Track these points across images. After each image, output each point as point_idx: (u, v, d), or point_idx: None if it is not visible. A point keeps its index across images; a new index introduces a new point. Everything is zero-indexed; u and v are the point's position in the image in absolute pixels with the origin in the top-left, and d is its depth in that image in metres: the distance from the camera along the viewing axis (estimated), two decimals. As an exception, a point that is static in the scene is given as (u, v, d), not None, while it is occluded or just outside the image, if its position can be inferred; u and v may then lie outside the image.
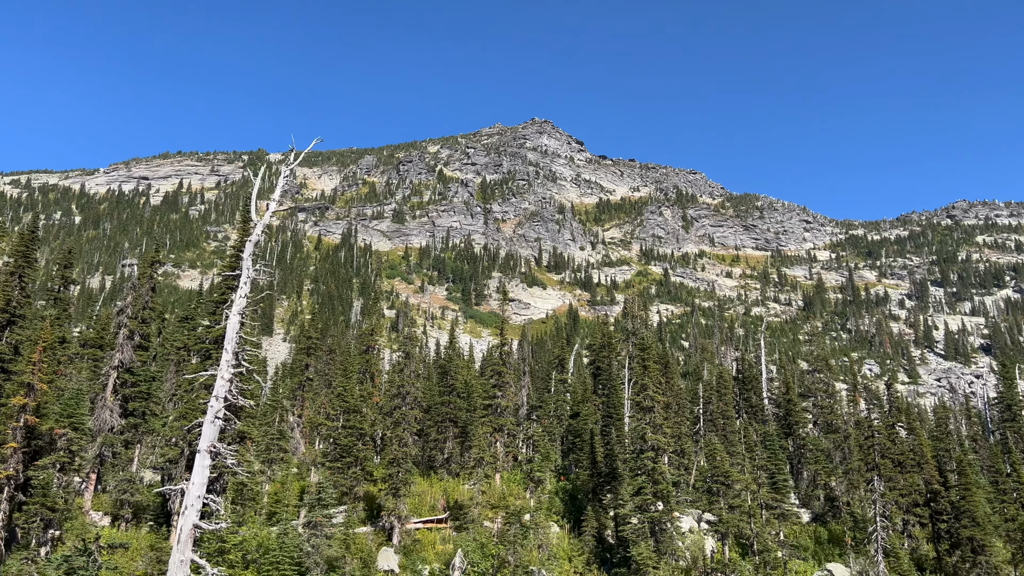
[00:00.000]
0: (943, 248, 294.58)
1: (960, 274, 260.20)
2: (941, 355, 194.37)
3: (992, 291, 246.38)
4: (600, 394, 64.06)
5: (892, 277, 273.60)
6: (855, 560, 43.46)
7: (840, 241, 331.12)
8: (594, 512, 44.26)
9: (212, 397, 24.24)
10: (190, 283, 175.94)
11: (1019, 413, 68.49)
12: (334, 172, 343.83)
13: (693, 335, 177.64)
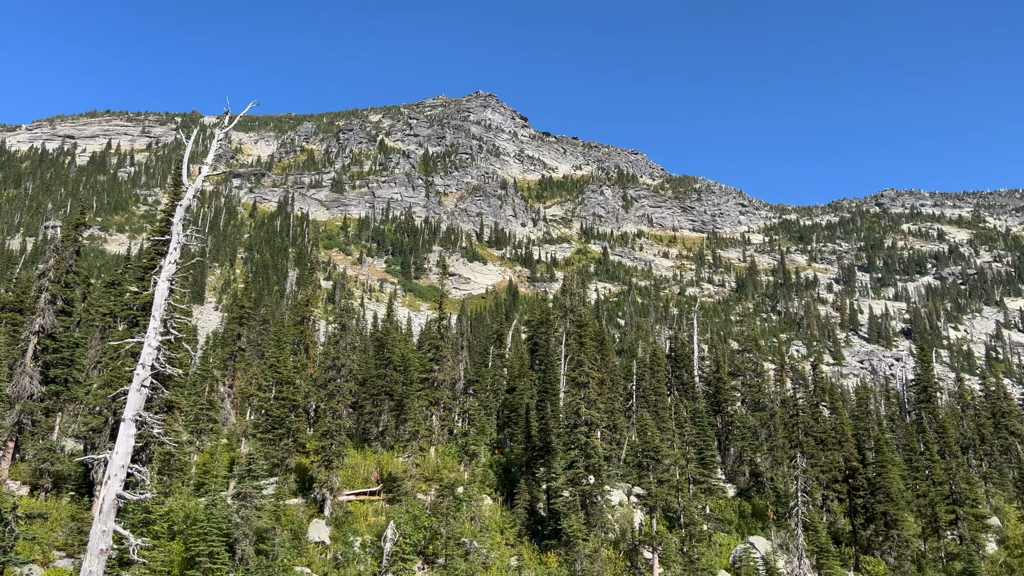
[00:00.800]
0: (871, 235, 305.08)
1: (886, 260, 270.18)
2: (865, 338, 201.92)
3: (914, 278, 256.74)
4: (537, 369, 64.59)
5: (822, 262, 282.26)
6: (776, 534, 45.11)
7: (774, 225, 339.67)
8: (527, 485, 44.77)
9: (139, 365, 23.53)
10: (118, 247, 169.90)
11: (934, 395, 71.87)
12: (271, 138, 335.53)
13: (629, 313, 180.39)
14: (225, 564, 32.05)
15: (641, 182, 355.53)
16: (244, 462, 35.74)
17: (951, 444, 53.98)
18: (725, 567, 41.18)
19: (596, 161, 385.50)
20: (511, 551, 40.14)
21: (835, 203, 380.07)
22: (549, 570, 37.38)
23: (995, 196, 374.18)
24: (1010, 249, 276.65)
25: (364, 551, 37.28)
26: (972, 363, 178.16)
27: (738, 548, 42.58)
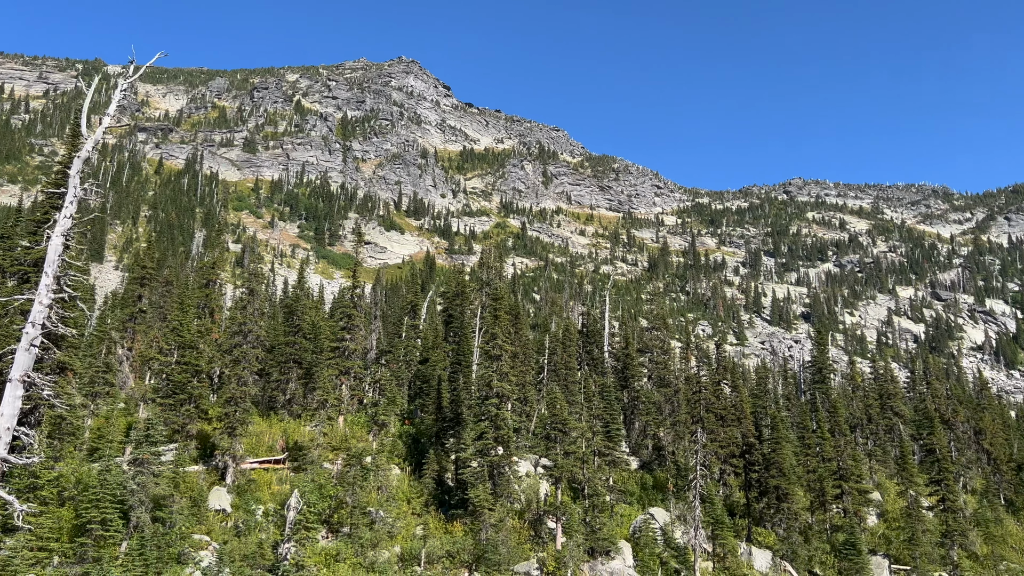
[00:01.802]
0: (778, 221, 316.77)
1: (790, 246, 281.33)
2: (767, 320, 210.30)
3: (816, 264, 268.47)
4: (451, 341, 64.58)
5: (730, 245, 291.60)
6: (675, 505, 46.78)
7: (687, 208, 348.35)
8: (436, 456, 44.88)
9: (28, 323, 22.32)
10: (9, 199, 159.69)
11: (828, 376, 75.58)
12: (181, 92, 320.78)
13: (545, 289, 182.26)
14: (119, 532, 30.96)
15: (562, 159, 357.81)
16: (142, 427, 34.43)
17: (841, 423, 56.95)
18: (625, 537, 42.44)
19: (518, 135, 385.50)
20: (417, 520, 40.26)
21: (746, 189, 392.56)
22: (454, 539, 37.69)
23: (893, 189, 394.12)
24: (904, 240, 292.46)
25: (267, 519, 36.67)
26: (864, 347, 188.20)
27: (638, 519, 43.95)
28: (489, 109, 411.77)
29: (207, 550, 33.42)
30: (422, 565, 35.48)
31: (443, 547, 36.88)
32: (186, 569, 31.54)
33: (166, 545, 31.48)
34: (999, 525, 55.85)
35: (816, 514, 50.27)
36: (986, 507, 58.18)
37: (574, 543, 37.35)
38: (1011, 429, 79.31)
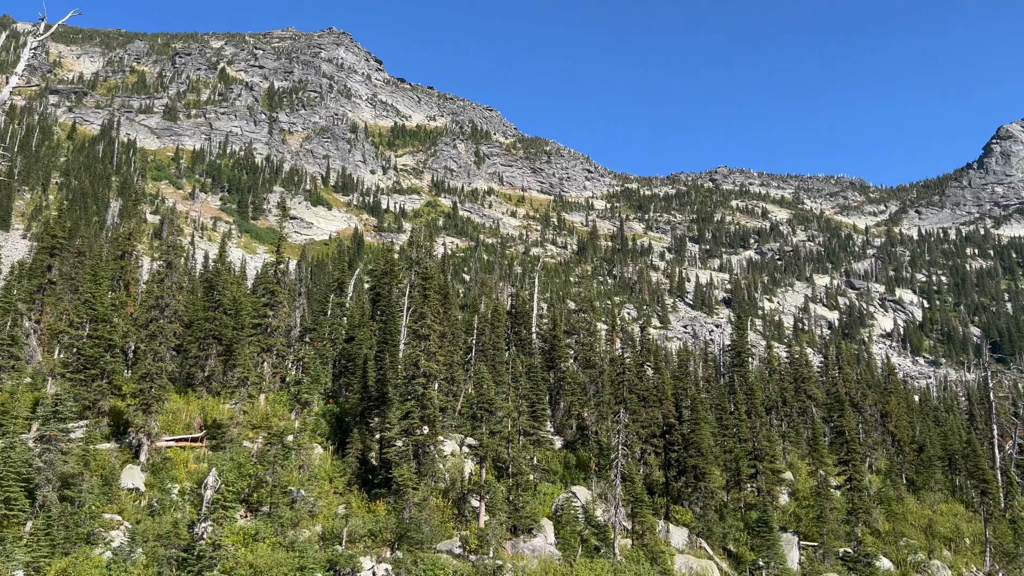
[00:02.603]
0: (703, 208, 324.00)
1: (714, 233, 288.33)
2: (690, 304, 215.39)
3: (738, 251, 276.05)
4: (378, 320, 63.87)
5: (657, 231, 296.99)
6: (597, 484, 47.62)
7: (616, 192, 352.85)
8: (360, 435, 44.43)
9: (-80, 292, 20.96)
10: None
11: (746, 360, 77.93)
12: (96, 54, 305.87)
13: (475, 269, 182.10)
14: (24, 511, 29.66)
15: (494, 139, 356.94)
16: (50, 403, 32.92)
17: (757, 405, 58.87)
18: (547, 515, 42.99)
19: (451, 113, 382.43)
20: (340, 500, 39.86)
21: (673, 176, 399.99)
22: (377, 518, 37.47)
23: (813, 181, 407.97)
24: (822, 230, 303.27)
25: (183, 498, 35.68)
26: (782, 332, 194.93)
27: (561, 497, 44.57)
28: (422, 85, 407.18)
29: (119, 530, 32.33)
30: (343, 544, 35.17)
31: (365, 526, 36.62)
32: (96, 549, 30.44)
33: (74, 525, 30.31)
34: (900, 503, 58.84)
35: (732, 493, 51.93)
36: (889, 486, 61.18)
37: (497, 521, 37.62)
38: (914, 412, 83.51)
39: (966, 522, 59.30)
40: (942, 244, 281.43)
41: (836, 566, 47.15)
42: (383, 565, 35.25)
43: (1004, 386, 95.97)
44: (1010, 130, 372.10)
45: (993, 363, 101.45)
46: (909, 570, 50.15)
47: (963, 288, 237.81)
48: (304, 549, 33.18)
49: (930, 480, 66.46)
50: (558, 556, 38.99)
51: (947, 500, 63.98)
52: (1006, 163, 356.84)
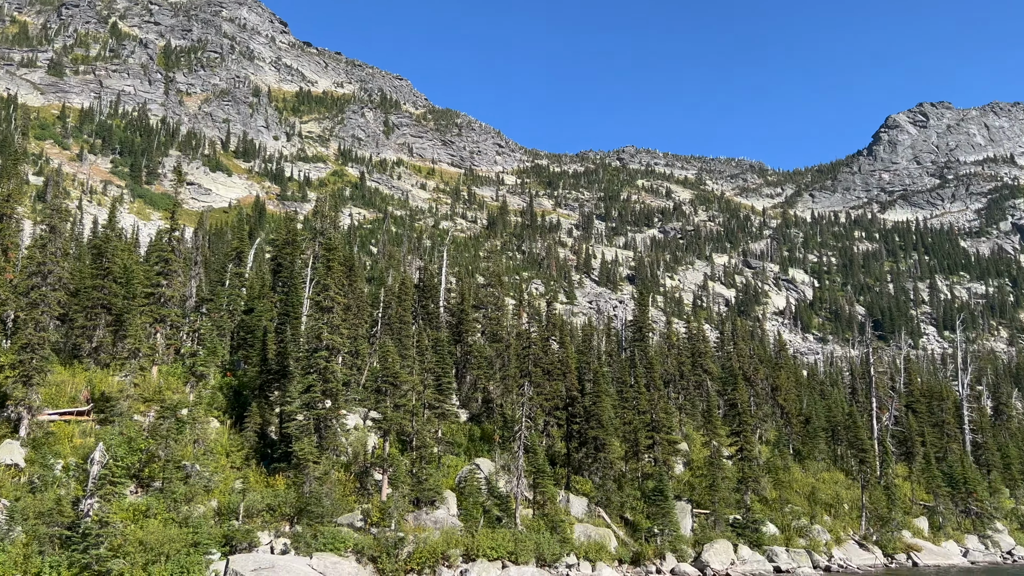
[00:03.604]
0: (610, 187, 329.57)
1: (620, 212, 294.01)
2: (596, 281, 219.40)
3: (643, 229, 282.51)
4: (279, 292, 62.13)
5: (566, 208, 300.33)
6: (500, 456, 48.13)
7: (527, 168, 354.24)
8: (259, 409, 43.32)
9: None
10: None
11: (647, 335, 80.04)
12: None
13: (383, 242, 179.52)
14: None
15: (404, 109, 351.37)
16: (-86, 376, 30.59)
17: (656, 379, 60.66)
18: (451, 487, 43.20)
19: (359, 81, 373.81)
20: (237, 474, 38.83)
21: (582, 153, 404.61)
22: (276, 492, 36.74)
23: (715, 162, 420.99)
24: (723, 211, 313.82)
25: (67, 474, 33.95)
26: (682, 309, 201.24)
27: (464, 469, 44.84)
28: (329, 50, 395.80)
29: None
30: (240, 519, 34.33)
31: (264, 500, 35.86)
32: (-32, 530, 28.62)
33: (-57, 505, 28.36)
34: (787, 472, 62.10)
35: (630, 463, 53.49)
36: (777, 456, 64.45)
37: (400, 494, 37.54)
38: (802, 386, 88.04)
39: (845, 489, 63.20)
40: (833, 227, 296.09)
41: (726, 532, 49.44)
42: (282, 539, 34.66)
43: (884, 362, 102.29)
44: (897, 120, 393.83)
45: (875, 340, 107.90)
46: (792, 535, 53.09)
47: (851, 269, 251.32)
48: (198, 525, 32.22)
49: (815, 450, 70.37)
50: (460, 527, 39.28)
51: (829, 469, 67.95)
52: (893, 151, 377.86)
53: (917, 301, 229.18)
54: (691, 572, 44.67)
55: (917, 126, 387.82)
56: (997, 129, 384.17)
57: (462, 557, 37.06)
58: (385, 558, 34.66)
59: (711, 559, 45.83)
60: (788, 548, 50.74)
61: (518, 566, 37.51)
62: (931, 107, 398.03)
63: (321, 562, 31.60)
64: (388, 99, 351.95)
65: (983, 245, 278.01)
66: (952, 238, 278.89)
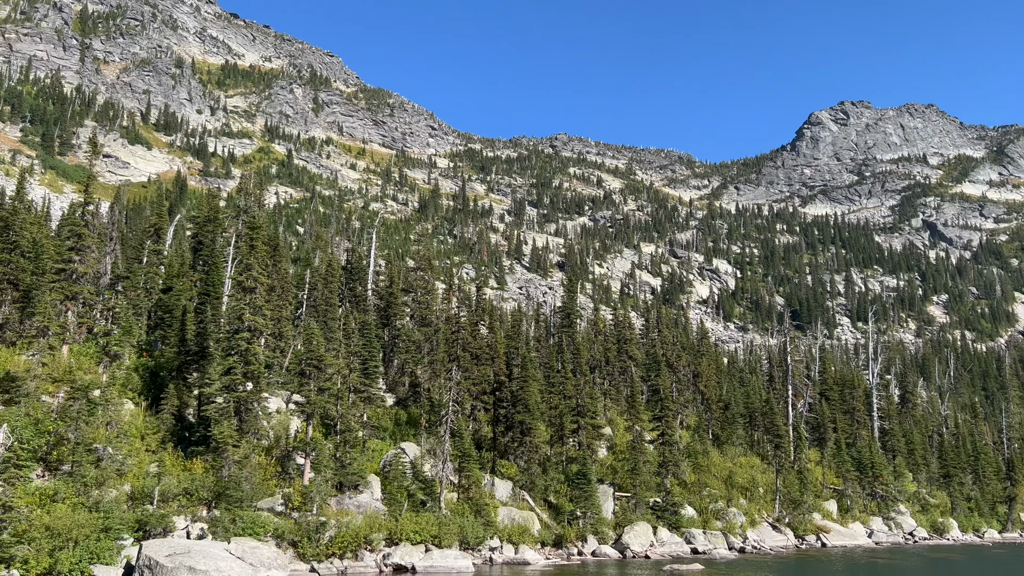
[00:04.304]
0: (543, 173, 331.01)
1: (552, 199, 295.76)
2: (526, 267, 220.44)
3: (574, 217, 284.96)
4: (200, 271, 60.23)
5: (498, 193, 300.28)
6: (426, 440, 47.98)
7: (459, 152, 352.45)
8: (177, 391, 41.99)
9: None
10: None
11: (575, 321, 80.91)
12: None
13: (310, 222, 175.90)
14: None
15: (335, 87, 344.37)
16: None
17: (583, 364, 61.37)
18: (375, 471, 42.86)
19: (288, 56, 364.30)
20: (152, 458, 37.58)
21: (516, 139, 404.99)
22: (193, 476, 35.73)
23: (645, 153, 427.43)
24: (651, 201, 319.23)
25: (-34, 460, 32.20)
26: (609, 296, 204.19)
27: (389, 453, 44.54)
28: (257, 23, 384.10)
29: None
30: (155, 503, 33.28)
31: (180, 485, 34.84)
32: None
33: None
34: (706, 456, 63.87)
35: (555, 447, 54.08)
36: (697, 441, 66.20)
37: (322, 478, 37.02)
38: (723, 373, 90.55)
39: (761, 473, 65.43)
40: (756, 219, 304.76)
41: (647, 515, 50.59)
42: (199, 524, 33.78)
43: (800, 351, 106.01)
44: (820, 117, 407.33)
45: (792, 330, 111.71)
46: (710, 517, 54.71)
47: (772, 260, 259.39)
48: (110, 510, 31.08)
49: (733, 435, 72.56)
50: (384, 511, 39.04)
51: (746, 453, 70.21)
52: (815, 147, 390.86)
53: (833, 293, 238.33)
54: (611, 554, 45.56)
55: (838, 124, 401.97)
56: (912, 129, 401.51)
57: (385, 541, 36.86)
58: (306, 543, 34.19)
59: (631, 541, 46.83)
60: (705, 530, 52.28)
61: (441, 549, 37.54)
62: (852, 106, 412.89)
63: (239, 547, 30.92)
64: (318, 76, 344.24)
65: (896, 240, 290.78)
66: (867, 233, 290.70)
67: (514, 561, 40.78)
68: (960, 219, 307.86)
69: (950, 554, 57.34)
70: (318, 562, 34.13)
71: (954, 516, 75.35)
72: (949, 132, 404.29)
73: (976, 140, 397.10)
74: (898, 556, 54.45)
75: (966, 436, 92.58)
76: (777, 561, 47.95)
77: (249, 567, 30.02)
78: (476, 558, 39.39)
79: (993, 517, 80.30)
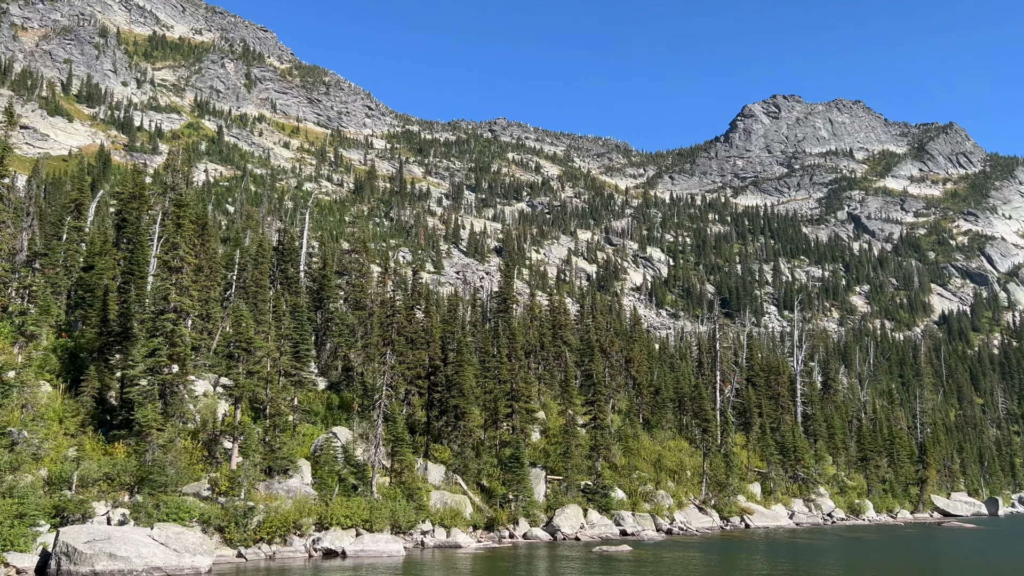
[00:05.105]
0: (481, 158, 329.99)
1: (491, 183, 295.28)
2: (464, 251, 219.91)
3: (512, 202, 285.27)
4: (124, 249, 58.09)
5: (436, 176, 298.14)
6: (359, 424, 47.52)
7: (397, 133, 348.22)
8: (98, 372, 40.51)
9: None
10: None
11: (511, 306, 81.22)
12: None
13: (241, 201, 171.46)
14: None
15: (268, 63, 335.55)
16: None
17: (518, 349, 61.67)
18: (306, 455, 42.30)
19: (220, 29, 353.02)
20: (71, 442, 36.25)
21: (455, 122, 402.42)
22: (115, 461, 34.60)
23: (583, 140, 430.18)
24: (588, 188, 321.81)
25: None
26: (546, 282, 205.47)
27: (321, 437, 43.99)
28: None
29: None
30: (73, 489, 32.12)
31: (101, 469, 33.72)
32: None
33: None
34: (636, 440, 65.12)
35: (489, 431, 54.29)
36: (628, 425, 67.40)
37: (251, 462, 36.32)
38: (654, 359, 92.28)
39: (689, 456, 67.07)
40: (689, 209, 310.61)
41: (578, 497, 51.33)
42: (120, 510, 32.79)
43: (729, 338, 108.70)
44: (752, 109, 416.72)
45: (721, 317, 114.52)
46: (639, 500, 55.87)
47: (703, 249, 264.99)
48: (25, 495, 29.84)
49: (663, 419, 74.12)
50: (314, 496, 38.59)
51: (675, 437, 71.85)
52: (747, 139, 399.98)
53: (762, 282, 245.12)
54: (543, 536, 46.11)
55: (770, 117, 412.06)
56: (840, 124, 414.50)
57: (315, 526, 36.47)
58: (233, 528, 33.56)
59: (562, 523, 47.46)
60: (634, 512, 53.36)
61: (372, 533, 37.36)
62: (783, 99, 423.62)
63: (163, 533, 30.12)
64: (251, 51, 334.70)
65: (822, 232, 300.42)
66: (795, 224, 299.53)
67: (446, 544, 40.88)
68: (883, 212, 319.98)
69: (864, 534, 59.96)
70: (246, 547, 33.56)
71: (870, 497, 78.79)
72: (875, 128, 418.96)
73: (899, 137, 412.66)
74: (817, 536, 56.66)
75: (883, 421, 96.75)
76: (703, 542, 49.32)
77: (173, 553, 29.30)
78: (408, 542, 39.34)
79: (906, 498, 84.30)
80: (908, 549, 50.94)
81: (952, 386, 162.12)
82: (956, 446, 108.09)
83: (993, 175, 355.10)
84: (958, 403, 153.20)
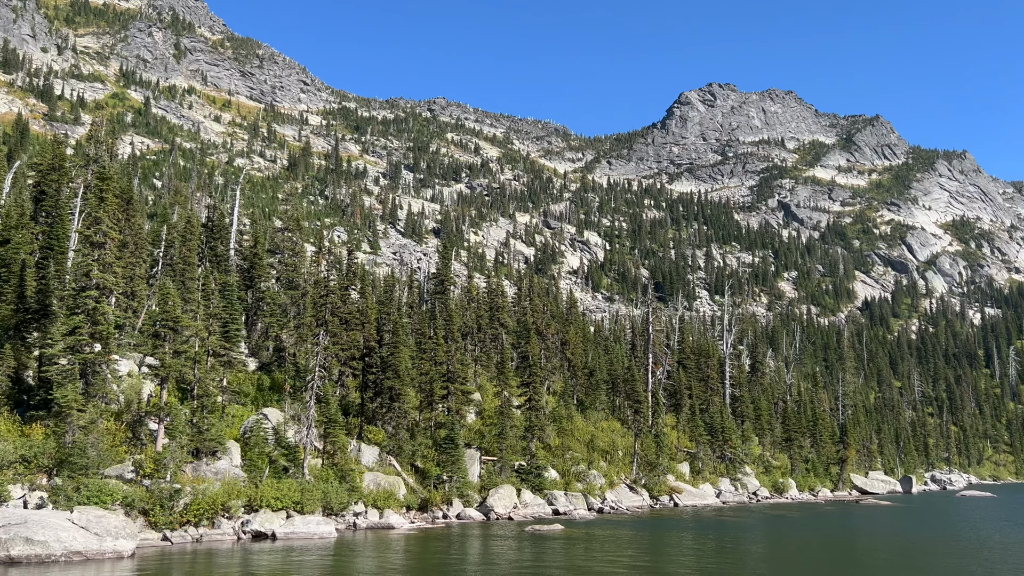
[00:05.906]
0: (420, 137, 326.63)
1: (429, 164, 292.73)
2: (401, 232, 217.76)
3: (451, 183, 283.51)
4: (42, 223, 55.56)
5: (373, 155, 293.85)
6: (291, 405, 46.79)
7: (333, 110, 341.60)
8: (14, 350, 38.78)
9: None
10: None
11: (449, 288, 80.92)
12: None
13: (169, 175, 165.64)
14: None
15: (199, 33, 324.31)
16: None
17: (455, 331, 61.51)
18: (235, 437, 41.46)
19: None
20: (-16, 424, 34.67)
21: (393, 100, 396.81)
22: (32, 442, 33.28)
23: (523, 123, 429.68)
24: (527, 171, 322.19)
25: None
26: (484, 264, 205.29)
27: (251, 419, 43.14)
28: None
29: None
30: (-14, 474, 30.77)
31: (17, 451, 32.41)
32: None
33: None
34: (570, 421, 65.91)
35: (424, 413, 54.16)
36: (562, 406, 68.13)
37: (177, 444, 35.41)
38: (589, 342, 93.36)
39: (621, 437, 68.28)
40: (626, 194, 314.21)
41: (512, 478, 51.73)
42: (38, 493, 31.61)
43: (662, 321, 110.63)
44: (689, 97, 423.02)
45: (655, 301, 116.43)
46: (572, 479, 56.64)
47: (639, 234, 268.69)
48: (-68, 481, 28.49)
49: (596, 401, 75.18)
50: (244, 478, 37.89)
51: (608, 418, 72.99)
52: (683, 127, 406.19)
53: (695, 267, 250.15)
54: (476, 516, 46.34)
55: (706, 105, 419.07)
56: (772, 114, 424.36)
57: (244, 508, 35.82)
58: (158, 510, 32.72)
59: (495, 503, 47.79)
60: (567, 492, 54.09)
61: (303, 515, 36.92)
62: (719, 88, 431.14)
63: (83, 516, 29.14)
64: (180, 20, 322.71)
65: (753, 219, 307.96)
66: (728, 211, 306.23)
67: (378, 525, 40.72)
68: (811, 201, 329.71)
69: (787, 511, 62.15)
70: (171, 530, 32.77)
71: (793, 476, 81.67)
72: (805, 118, 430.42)
73: (828, 127, 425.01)
74: (742, 514, 58.47)
75: (807, 403, 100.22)
76: (633, 520, 50.35)
77: (94, 537, 28.41)
78: (340, 523, 39.03)
79: (827, 477, 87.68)
80: (823, 523, 53.05)
81: (873, 370, 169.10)
82: (875, 427, 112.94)
83: (915, 167, 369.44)
84: (878, 386, 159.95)
